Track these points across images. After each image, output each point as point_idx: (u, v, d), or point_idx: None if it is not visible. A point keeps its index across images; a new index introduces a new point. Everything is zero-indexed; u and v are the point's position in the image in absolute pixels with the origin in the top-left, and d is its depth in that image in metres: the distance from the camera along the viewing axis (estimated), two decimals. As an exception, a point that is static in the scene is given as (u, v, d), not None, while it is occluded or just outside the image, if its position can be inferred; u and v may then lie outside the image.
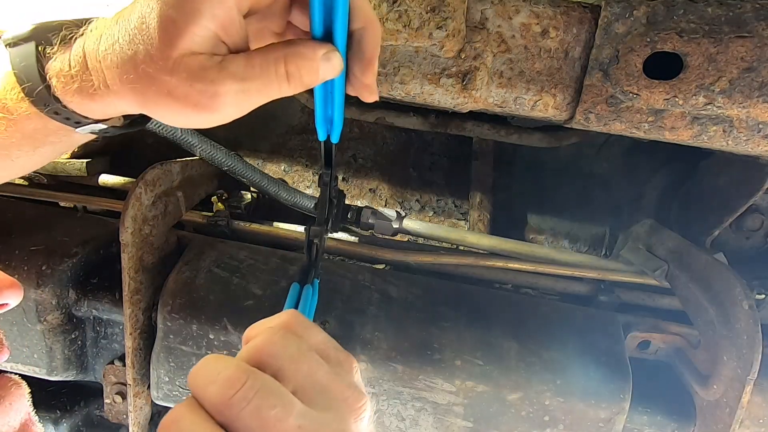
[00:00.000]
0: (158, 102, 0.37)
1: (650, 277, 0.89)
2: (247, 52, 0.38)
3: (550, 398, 0.78)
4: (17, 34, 0.41)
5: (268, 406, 0.31)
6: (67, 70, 0.39)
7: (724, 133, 0.59)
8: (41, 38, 0.41)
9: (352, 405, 0.35)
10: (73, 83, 0.39)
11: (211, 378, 0.32)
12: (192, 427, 0.30)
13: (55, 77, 0.40)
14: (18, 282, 0.45)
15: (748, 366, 0.69)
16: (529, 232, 1.15)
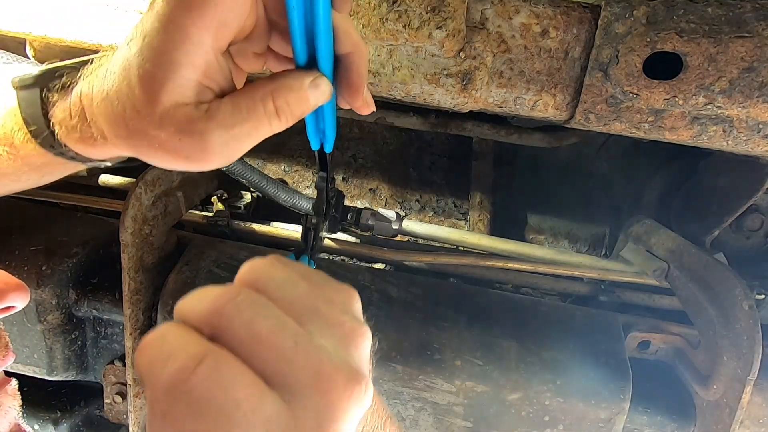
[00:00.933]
0: (151, 154, 0.37)
1: (650, 277, 0.89)
2: (232, 94, 0.37)
3: (550, 398, 0.78)
4: (24, 78, 0.42)
5: (261, 317, 0.29)
6: (68, 120, 0.40)
7: (724, 133, 0.59)
8: (45, 84, 0.42)
9: (349, 332, 0.32)
10: (75, 133, 0.40)
11: (199, 298, 0.30)
12: (178, 340, 0.28)
13: (58, 125, 0.41)
14: (24, 284, 0.45)
15: (748, 366, 0.69)
16: (529, 232, 1.15)
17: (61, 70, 0.42)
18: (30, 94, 0.42)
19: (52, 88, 0.41)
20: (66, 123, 0.40)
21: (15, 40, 0.72)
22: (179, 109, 0.35)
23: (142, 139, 0.36)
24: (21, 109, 0.42)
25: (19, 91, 0.42)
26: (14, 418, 0.45)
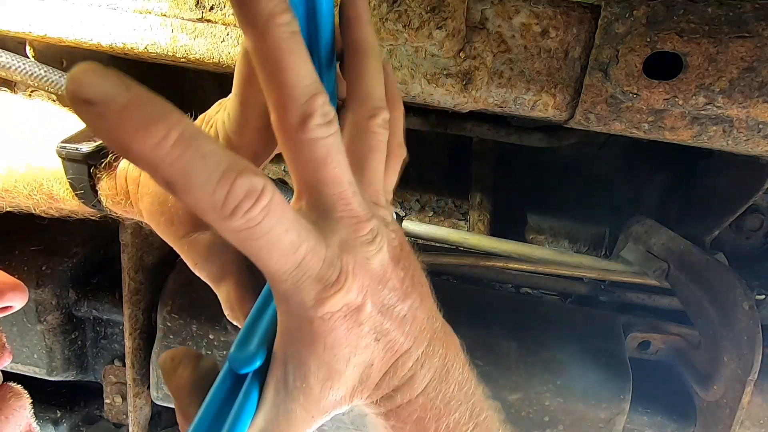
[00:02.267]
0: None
1: (650, 277, 0.89)
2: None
3: (550, 399, 0.78)
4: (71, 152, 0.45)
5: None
6: (114, 196, 0.44)
7: (724, 133, 0.59)
8: (93, 162, 0.45)
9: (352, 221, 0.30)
10: (120, 205, 0.44)
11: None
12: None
13: (104, 197, 0.45)
14: (22, 284, 0.45)
15: (749, 367, 0.69)
16: (529, 232, 1.15)
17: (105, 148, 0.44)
18: (77, 167, 0.45)
19: (99, 165, 0.44)
20: (112, 198, 0.44)
21: (15, 40, 0.72)
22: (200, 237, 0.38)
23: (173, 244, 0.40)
24: (66, 173, 0.45)
25: (65, 161, 0.45)
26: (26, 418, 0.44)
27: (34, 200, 0.48)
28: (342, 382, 0.32)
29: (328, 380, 0.31)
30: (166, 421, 1.02)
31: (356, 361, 0.32)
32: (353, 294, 0.29)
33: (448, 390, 0.37)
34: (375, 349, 0.32)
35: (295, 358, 0.30)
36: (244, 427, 0.30)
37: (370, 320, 0.31)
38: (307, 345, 0.30)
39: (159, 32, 0.63)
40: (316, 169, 0.29)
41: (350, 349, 0.31)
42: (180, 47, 0.63)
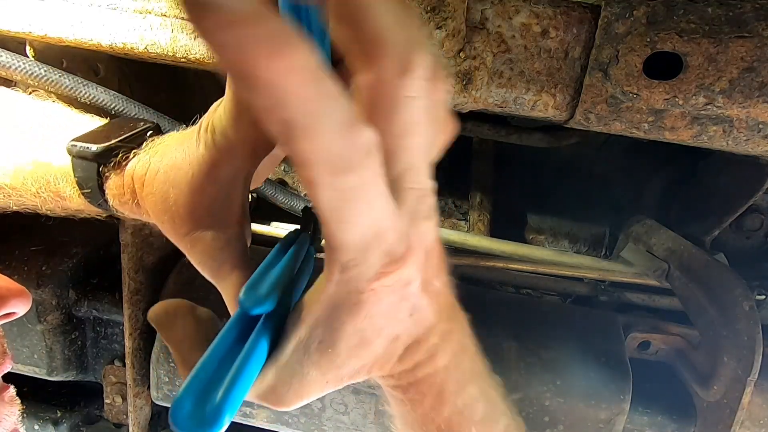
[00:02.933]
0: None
1: (650, 278, 0.89)
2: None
3: (550, 399, 0.78)
4: (82, 150, 0.45)
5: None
6: (121, 196, 0.44)
7: (724, 133, 0.59)
8: (103, 161, 0.45)
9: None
10: (126, 205, 0.44)
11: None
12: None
13: (111, 197, 0.45)
14: (26, 290, 0.46)
15: (749, 367, 0.69)
16: (529, 233, 1.14)
17: (118, 149, 0.45)
18: (86, 165, 0.45)
19: (108, 164, 0.44)
20: (119, 197, 0.44)
21: (15, 40, 0.72)
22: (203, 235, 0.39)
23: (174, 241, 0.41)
24: (75, 172, 0.46)
25: (74, 158, 0.45)
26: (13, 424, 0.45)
27: (41, 198, 0.48)
28: (368, 351, 0.31)
29: (356, 348, 0.31)
30: (166, 421, 1.01)
31: (386, 333, 0.31)
32: (410, 270, 0.29)
33: (465, 363, 0.37)
34: (406, 324, 0.32)
35: (331, 322, 0.30)
36: (251, 376, 0.30)
37: (413, 296, 0.30)
38: (349, 312, 0.29)
39: (159, 32, 0.63)
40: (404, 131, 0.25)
41: (386, 321, 0.30)
42: (180, 47, 0.63)
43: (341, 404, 0.83)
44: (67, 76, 0.68)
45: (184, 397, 0.27)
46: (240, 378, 0.29)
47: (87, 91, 0.69)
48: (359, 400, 0.82)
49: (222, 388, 0.28)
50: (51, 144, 0.48)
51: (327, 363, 0.31)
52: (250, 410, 0.85)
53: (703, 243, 0.90)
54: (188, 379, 0.28)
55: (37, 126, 0.50)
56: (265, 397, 0.32)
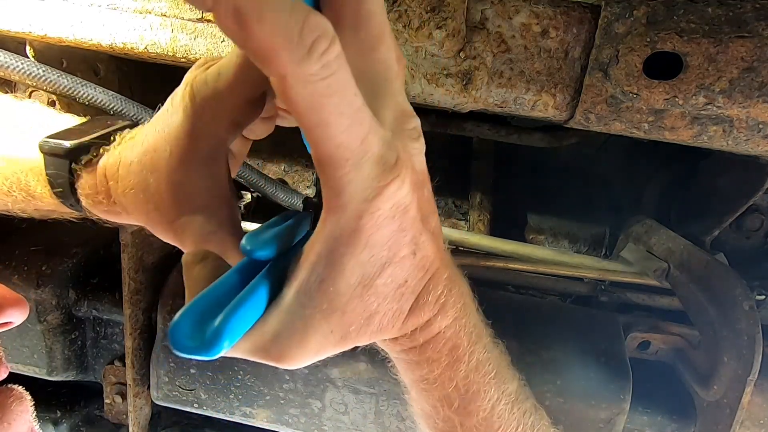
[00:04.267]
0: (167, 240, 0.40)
1: (650, 278, 0.89)
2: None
3: (550, 398, 0.78)
4: (54, 147, 0.43)
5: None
6: (94, 195, 0.42)
7: (724, 133, 0.59)
8: (74, 158, 0.43)
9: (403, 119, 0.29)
10: (100, 206, 0.42)
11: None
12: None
13: (83, 197, 0.43)
14: (23, 299, 0.45)
15: (749, 367, 0.69)
16: (529, 233, 1.14)
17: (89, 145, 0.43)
18: (58, 162, 0.43)
19: (80, 161, 0.43)
20: (93, 197, 0.42)
21: (15, 40, 0.72)
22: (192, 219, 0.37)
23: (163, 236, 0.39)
24: (46, 168, 0.44)
25: (46, 155, 0.43)
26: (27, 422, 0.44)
27: (13, 197, 0.46)
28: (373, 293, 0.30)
29: (360, 287, 0.29)
30: (166, 421, 1.01)
31: (392, 273, 0.30)
32: (406, 189, 0.28)
33: (472, 317, 0.37)
34: (411, 264, 0.31)
35: (330, 257, 0.29)
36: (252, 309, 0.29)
37: (413, 228, 0.30)
38: (347, 241, 0.28)
39: (159, 32, 0.63)
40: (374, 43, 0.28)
41: (388, 255, 0.29)
42: (180, 47, 0.63)
43: (341, 404, 0.83)
44: (65, 76, 0.68)
45: (183, 318, 0.27)
46: (240, 307, 0.28)
47: (85, 91, 0.68)
48: (359, 400, 0.82)
49: (222, 315, 0.27)
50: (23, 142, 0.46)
51: (330, 305, 0.29)
52: (250, 410, 0.85)
53: (703, 243, 0.90)
54: (188, 305, 0.28)
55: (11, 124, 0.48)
56: (267, 348, 0.30)
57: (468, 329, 0.36)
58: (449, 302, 0.34)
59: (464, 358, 0.36)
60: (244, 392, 0.84)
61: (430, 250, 0.32)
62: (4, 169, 0.46)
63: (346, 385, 0.81)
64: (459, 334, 0.36)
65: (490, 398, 0.38)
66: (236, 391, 0.84)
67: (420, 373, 0.37)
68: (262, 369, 0.82)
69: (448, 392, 0.37)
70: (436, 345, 0.35)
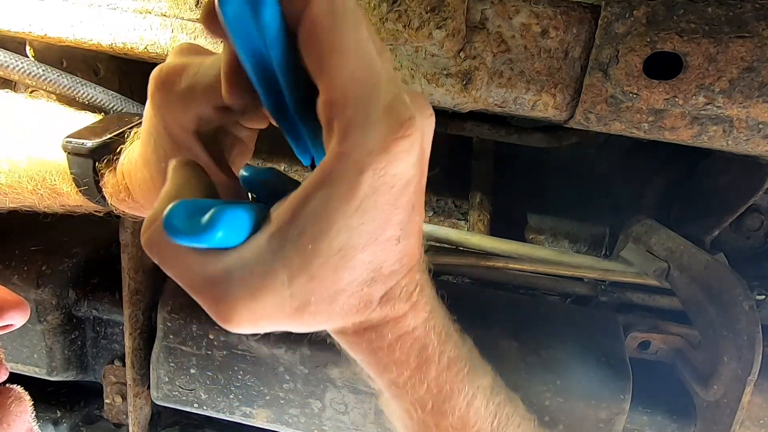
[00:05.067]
0: None
1: (650, 278, 0.89)
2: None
3: (550, 398, 0.78)
4: (77, 146, 0.45)
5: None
6: (117, 193, 0.44)
7: (724, 133, 0.59)
8: (98, 157, 0.44)
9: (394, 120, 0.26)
10: (124, 202, 0.44)
11: None
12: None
13: (108, 195, 0.45)
14: (24, 301, 0.45)
15: (749, 367, 0.69)
16: (529, 232, 1.14)
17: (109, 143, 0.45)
18: (82, 162, 0.44)
19: (102, 161, 0.44)
20: (116, 195, 0.44)
21: (15, 40, 0.72)
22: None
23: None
24: (71, 169, 0.45)
25: (70, 155, 0.45)
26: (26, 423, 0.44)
27: (39, 195, 0.48)
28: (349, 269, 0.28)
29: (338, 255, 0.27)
30: (166, 421, 1.01)
31: (374, 253, 0.28)
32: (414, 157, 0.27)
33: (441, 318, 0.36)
34: (393, 251, 0.29)
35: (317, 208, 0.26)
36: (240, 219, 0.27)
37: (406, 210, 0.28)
38: (341, 197, 0.26)
39: (159, 32, 0.63)
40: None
41: (376, 229, 0.27)
42: (180, 47, 0.63)
43: (341, 404, 0.83)
44: (65, 76, 0.68)
45: (178, 206, 0.26)
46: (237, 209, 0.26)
47: (85, 90, 0.68)
48: (359, 400, 0.82)
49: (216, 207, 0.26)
50: (44, 140, 0.47)
51: (300, 263, 0.26)
52: (250, 410, 0.85)
53: (703, 243, 0.90)
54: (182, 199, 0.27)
55: (30, 123, 0.50)
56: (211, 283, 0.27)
57: (437, 330, 0.36)
58: (420, 303, 0.34)
59: (434, 358, 0.35)
60: (244, 392, 0.84)
61: (413, 244, 0.30)
62: (27, 169, 0.47)
63: (346, 385, 0.81)
64: (428, 335, 0.35)
65: (465, 396, 0.36)
66: (236, 391, 0.84)
67: (389, 376, 0.36)
68: (262, 369, 0.82)
69: (421, 395, 0.36)
70: (404, 346, 0.34)
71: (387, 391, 0.38)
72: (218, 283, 0.27)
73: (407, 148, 0.26)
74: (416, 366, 0.35)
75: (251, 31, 0.26)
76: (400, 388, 0.36)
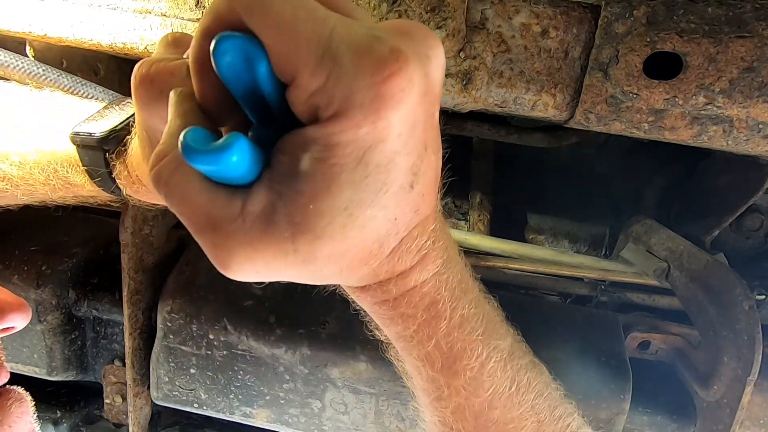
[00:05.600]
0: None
1: (650, 278, 0.89)
2: None
3: (550, 398, 0.78)
4: (84, 138, 0.44)
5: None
6: (131, 184, 0.44)
7: (724, 133, 0.59)
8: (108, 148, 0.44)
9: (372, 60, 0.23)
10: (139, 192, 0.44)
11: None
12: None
13: (122, 185, 0.44)
14: (26, 303, 0.45)
15: (748, 366, 0.69)
16: (529, 232, 1.14)
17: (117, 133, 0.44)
18: (92, 154, 0.44)
19: (112, 151, 0.43)
20: (130, 185, 0.44)
21: (15, 40, 0.72)
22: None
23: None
24: (82, 161, 0.45)
25: (79, 147, 0.44)
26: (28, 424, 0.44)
27: (51, 186, 0.47)
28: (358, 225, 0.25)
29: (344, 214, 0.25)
30: (166, 421, 1.01)
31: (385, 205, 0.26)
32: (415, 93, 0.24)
33: (456, 273, 0.33)
34: (406, 199, 0.27)
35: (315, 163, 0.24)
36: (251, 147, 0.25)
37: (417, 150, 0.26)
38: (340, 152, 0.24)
39: (159, 32, 0.63)
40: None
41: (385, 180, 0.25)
42: (180, 47, 0.63)
43: (341, 404, 0.83)
44: (65, 76, 0.68)
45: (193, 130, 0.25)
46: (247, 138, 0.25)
47: (85, 90, 0.68)
48: (359, 400, 0.82)
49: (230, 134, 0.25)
50: (53, 131, 0.46)
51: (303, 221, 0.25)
52: (250, 410, 0.85)
53: (703, 243, 0.90)
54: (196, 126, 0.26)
55: (37, 113, 0.49)
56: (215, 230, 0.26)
57: (450, 285, 0.32)
58: (430, 255, 0.31)
59: (445, 314, 0.32)
60: (244, 392, 0.84)
61: (429, 188, 0.28)
62: (37, 161, 0.46)
63: (346, 385, 0.81)
64: (439, 290, 0.32)
65: (477, 356, 0.34)
66: (236, 391, 0.84)
67: (395, 329, 0.34)
68: (262, 369, 0.82)
69: (428, 351, 0.33)
70: (411, 300, 0.32)
71: (395, 343, 0.36)
72: (220, 227, 0.26)
73: (403, 87, 0.23)
74: (424, 321, 0.32)
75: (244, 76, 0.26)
76: (407, 342, 0.34)
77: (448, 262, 0.33)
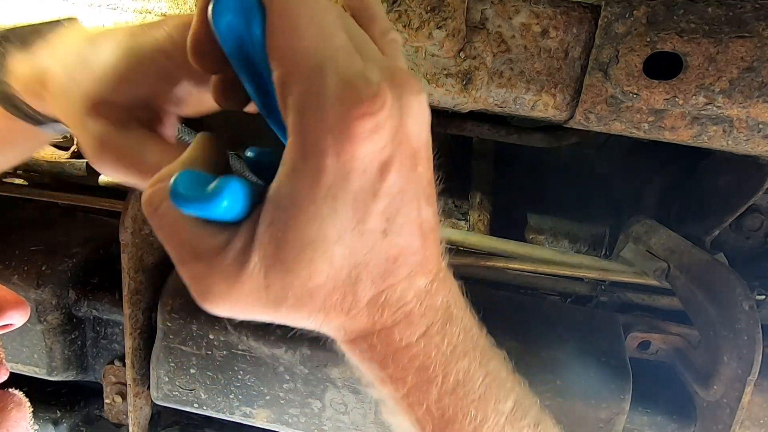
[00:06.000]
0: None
1: (650, 277, 0.89)
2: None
3: (550, 399, 0.78)
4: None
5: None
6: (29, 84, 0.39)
7: (724, 133, 0.59)
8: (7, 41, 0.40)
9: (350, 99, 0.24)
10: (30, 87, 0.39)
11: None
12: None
13: (14, 81, 0.39)
14: (24, 300, 0.44)
15: (749, 366, 0.69)
16: (529, 232, 1.14)
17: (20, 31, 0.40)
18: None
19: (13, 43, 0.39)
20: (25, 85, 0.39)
21: (15, 40, 0.72)
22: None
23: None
24: None
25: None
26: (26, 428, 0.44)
27: None
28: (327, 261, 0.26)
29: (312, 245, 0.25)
30: (166, 421, 1.01)
31: (352, 245, 0.26)
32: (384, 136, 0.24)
33: (453, 335, 0.32)
34: (377, 246, 0.26)
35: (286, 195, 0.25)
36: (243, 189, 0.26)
37: (388, 197, 0.26)
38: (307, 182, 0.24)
39: (159, 32, 0.63)
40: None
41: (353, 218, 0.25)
42: (180, 47, 0.63)
43: (341, 404, 0.83)
44: None
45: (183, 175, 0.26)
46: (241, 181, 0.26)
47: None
48: (359, 400, 0.82)
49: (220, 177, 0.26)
50: None
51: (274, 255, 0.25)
52: (250, 410, 0.85)
53: (703, 243, 0.90)
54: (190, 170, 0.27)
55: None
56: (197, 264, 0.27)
57: (443, 349, 0.31)
58: (416, 314, 0.30)
59: (436, 380, 0.31)
60: (244, 392, 0.84)
61: (411, 242, 0.27)
62: None
63: (346, 385, 0.81)
64: (429, 354, 0.31)
65: (471, 421, 0.32)
66: (236, 391, 0.84)
67: (386, 390, 0.33)
68: (262, 369, 0.82)
69: (419, 417, 0.32)
70: (399, 361, 0.31)
71: (387, 401, 0.35)
72: (202, 261, 0.26)
73: (372, 128, 0.24)
74: (414, 385, 0.31)
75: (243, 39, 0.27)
76: (399, 405, 0.33)
77: (445, 323, 0.32)
